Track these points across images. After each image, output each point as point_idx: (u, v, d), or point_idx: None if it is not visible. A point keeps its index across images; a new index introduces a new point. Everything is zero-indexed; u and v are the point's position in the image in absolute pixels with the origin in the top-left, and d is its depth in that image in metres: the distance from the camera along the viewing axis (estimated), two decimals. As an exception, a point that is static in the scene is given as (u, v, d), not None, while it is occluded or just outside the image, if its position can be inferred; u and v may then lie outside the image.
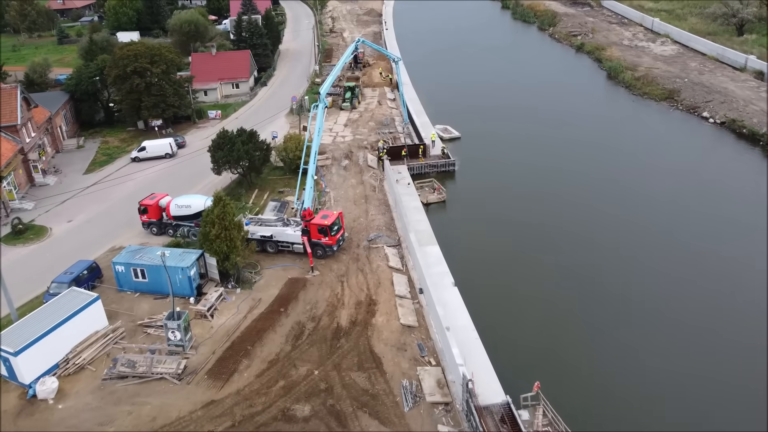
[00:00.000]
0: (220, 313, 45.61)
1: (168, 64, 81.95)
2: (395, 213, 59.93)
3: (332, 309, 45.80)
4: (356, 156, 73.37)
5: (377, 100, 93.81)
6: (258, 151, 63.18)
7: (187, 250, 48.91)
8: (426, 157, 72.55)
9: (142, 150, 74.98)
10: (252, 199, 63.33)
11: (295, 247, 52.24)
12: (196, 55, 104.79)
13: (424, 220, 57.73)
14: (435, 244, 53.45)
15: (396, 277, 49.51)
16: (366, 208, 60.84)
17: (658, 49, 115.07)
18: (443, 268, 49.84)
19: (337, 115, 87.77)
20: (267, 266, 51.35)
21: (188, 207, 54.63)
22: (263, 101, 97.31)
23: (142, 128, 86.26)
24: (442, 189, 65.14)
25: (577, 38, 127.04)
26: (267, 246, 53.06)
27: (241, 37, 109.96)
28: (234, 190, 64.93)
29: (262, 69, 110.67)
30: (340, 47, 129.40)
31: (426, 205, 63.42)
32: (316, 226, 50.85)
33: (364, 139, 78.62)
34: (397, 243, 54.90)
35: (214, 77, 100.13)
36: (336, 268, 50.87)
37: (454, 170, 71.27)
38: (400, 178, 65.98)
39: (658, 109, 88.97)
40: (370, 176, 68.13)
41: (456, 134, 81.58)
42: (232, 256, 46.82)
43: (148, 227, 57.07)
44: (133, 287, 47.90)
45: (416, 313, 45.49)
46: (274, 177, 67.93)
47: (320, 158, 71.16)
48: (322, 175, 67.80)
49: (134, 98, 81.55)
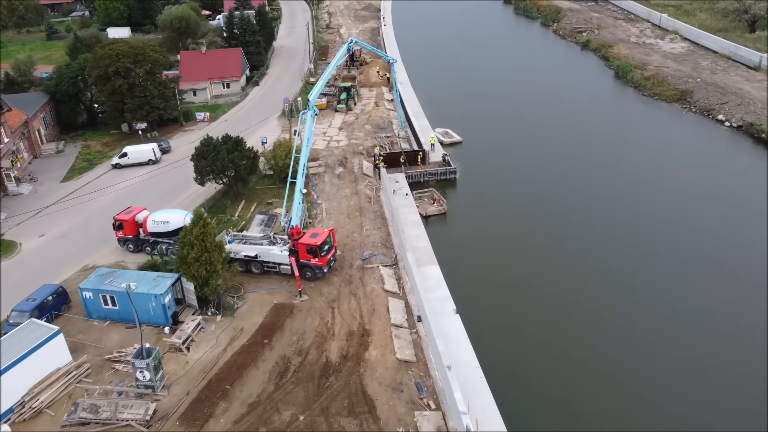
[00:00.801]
0: (197, 346, 41.29)
1: (152, 64, 77.40)
2: (392, 227, 55.59)
3: (321, 340, 41.50)
4: (351, 163, 68.95)
5: (374, 101, 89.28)
6: (244, 159, 58.77)
7: (162, 274, 44.51)
8: (425, 164, 68.17)
9: (124, 156, 70.53)
10: (238, 211, 58.95)
11: (282, 268, 47.91)
12: (185, 53, 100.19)
13: (422, 236, 53.36)
14: (435, 264, 49.12)
15: (392, 303, 45.20)
16: (360, 222, 56.47)
17: (667, 47, 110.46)
18: (444, 292, 45.52)
19: (332, 118, 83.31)
20: (251, 290, 47.01)
21: (166, 223, 50.24)
22: (255, 102, 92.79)
23: (127, 131, 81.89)
24: (443, 200, 60.76)
25: (582, 35, 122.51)
26: (252, 266, 48.74)
27: (232, 34, 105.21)
28: (219, 201, 60.56)
29: (254, 67, 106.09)
30: (336, 44, 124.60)
31: (425, 217, 59.12)
32: (304, 246, 46.48)
33: (360, 143, 74.17)
34: (394, 262, 50.58)
35: (204, 76, 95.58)
36: (326, 292, 46.56)
37: (455, 178, 66.89)
38: (398, 188, 61.61)
39: (669, 111, 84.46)
40: (365, 185, 63.72)
41: (457, 138, 77.14)
42: (212, 281, 42.48)
43: (124, 244, 52.76)
44: (103, 315, 43.59)
45: (414, 345, 41.19)
46: (262, 186, 63.51)
47: (312, 165, 66.96)
48: (313, 184, 63.43)
49: (117, 100, 77.08)
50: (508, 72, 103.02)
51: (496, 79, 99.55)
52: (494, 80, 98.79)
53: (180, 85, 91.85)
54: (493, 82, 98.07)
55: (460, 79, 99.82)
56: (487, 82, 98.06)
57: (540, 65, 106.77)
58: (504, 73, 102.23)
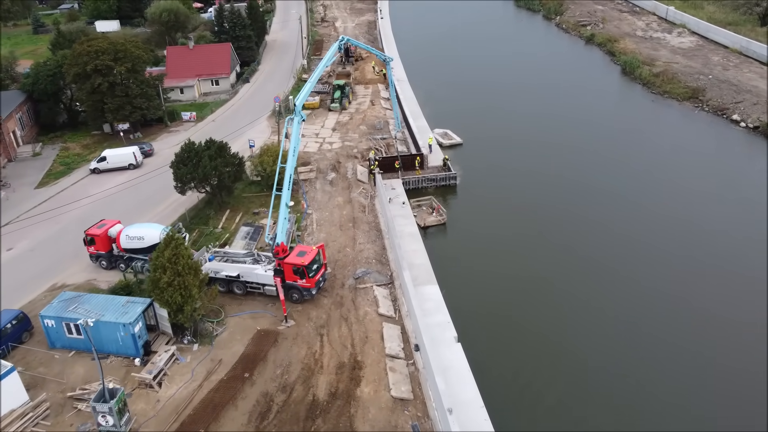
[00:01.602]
0: (170, 380, 37.21)
1: (134, 61, 72.93)
2: (387, 240, 51.46)
3: (308, 374, 37.43)
4: (344, 167, 64.69)
5: (370, 100, 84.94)
6: (228, 166, 54.51)
7: (133, 299, 40.34)
8: (423, 168, 63.99)
9: (102, 161, 66.23)
10: (222, 222, 54.75)
11: (266, 289, 43.81)
12: (172, 48, 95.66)
13: (420, 251, 49.21)
14: (434, 283, 44.99)
15: (387, 329, 41.13)
16: (353, 235, 52.32)
17: (675, 41, 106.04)
18: (444, 316, 41.41)
19: (325, 118, 78.99)
20: (232, 314, 42.90)
21: (141, 239, 46.03)
22: (244, 100, 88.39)
23: (109, 132, 77.56)
24: (442, 209, 56.60)
25: (586, 28, 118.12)
26: (234, 286, 44.63)
27: (222, 29, 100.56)
28: (202, 211, 56.34)
29: (245, 63, 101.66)
30: (331, 38, 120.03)
31: (423, 228, 55.03)
32: (290, 266, 42.30)
33: (354, 146, 69.90)
34: (389, 281, 46.47)
35: (191, 73, 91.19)
36: (315, 316, 42.44)
37: (455, 184, 62.72)
38: (394, 197, 57.43)
39: (681, 110, 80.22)
40: (359, 193, 59.51)
41: (457, 140, 72.87)
42: (188, 307, 38.35)
43: (97, 260, 48.58)
44: (67, 344, 39.48)
45: (411, 380, 37.16)
46: (249, 194, 59.28)
47: (303, 170, 62.84)
48: (304, 192, 59.24)
49: (97, 100, 72.72)
50: (510, 68, 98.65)
51: (498, 75, 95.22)
52: (496, 77, 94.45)
53: (166, 83, 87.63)
54: (494, 79, 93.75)
55: (460, 75, 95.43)
56: (488, 79, 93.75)
57: (543, 61, 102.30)
58: (506, 70, 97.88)
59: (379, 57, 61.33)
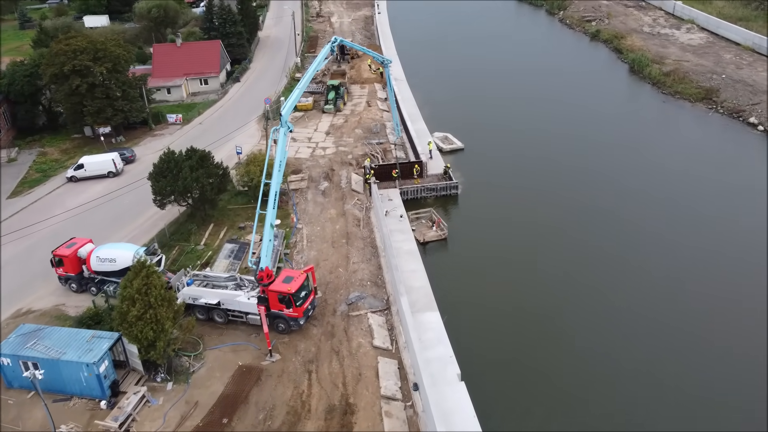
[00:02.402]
0: (139, 426, 33.22)
1: (115, 61, 68.61)
2: (383, 259, 47.40)
3: (294, 419, 33.46)
4: (338, 176, 60.58)
5: (366, 101, 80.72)
6: (211, 177, 50.36)
7: (99, 333, 36.25)
8: (423, 177, 59.89)
9: (80, 168, 62.00)
10: (205, 238, 50.66)
11: (250, 318, 39.80)
12: (159, 46, 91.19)
13: (420, 272, 45.14)
14: (434, 310, 40.94)
15: (382, 364, 37.15)
16: (347, 252, 48.24)
17: (684, 38, 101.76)
18: (445, 349, 37.41)
19: (318, 120, 74.78)
20: (211, 346, 38.86)
21: (113, 261, 41.97)
22: (234, 101, 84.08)
23: (90, 135, 73.29)
24: (443, 223, 52.50)
25: (591, 24, 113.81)
26: (214, 314, 40.60)
27: (211, 25, 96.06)
28: (183, 225, 52.20)
29: (236, 61, 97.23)
30: (327, 34, 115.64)
31: (423, 244, 51.01)
32: (276, 294, 38.24)
33: (349, 151, 65.74)
34: (386, 306, 42.46)
35: (179, 72, 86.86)
36: (303, 349, 38.42)
37: (456, 194, 58.63)
38: (391, 209, 53.39)
39: (693, 111, 76.08)
40: (353, 204, 55.43)
41: (458, 145, 68.68)
42: (160, 343, 34.33)
43: (66, 283, 44.50)
44: (25, 384, 35.29)
45: (408, 425, 33.23)
46: (235, 206, 55.16)
47: (294, 179, 58.83)
48: (294, 203, 55.15)
49: (76, 102, 68.44)
50: (513, 66, 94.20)
51: (500, 74, 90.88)
52: (498, 76, 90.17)
53: (152, 82, 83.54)
54: (496, 77, 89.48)
55: (460, 74, 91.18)
56: (490, 77, 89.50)
57: (548, 58, 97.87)
58: (509, 68, 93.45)
59: (377, 59, 56.93)
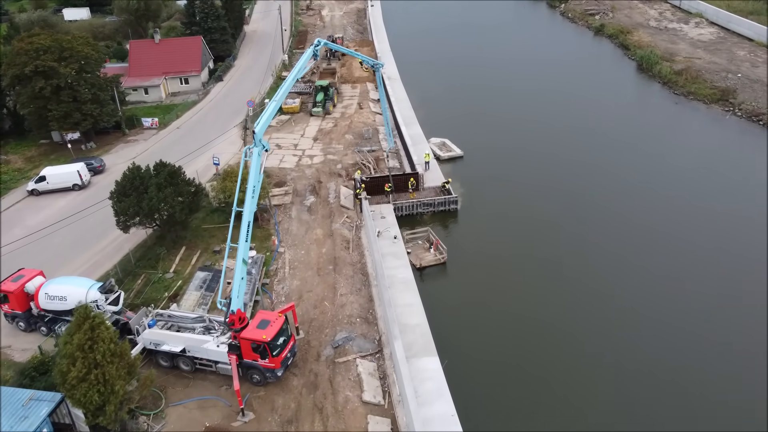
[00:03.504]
0: None
1: (83, 61, 62.84)
2: (375, 289, 42.09)
3: (268, 499, 28.25)
4: (326, 189, 55.17)
5: (357, 102, 75.21)
6: (182, 196, 44.84)
7: (38, 394, 30.82)
8: (419, 190, 54.56)
9: (42, 180, 56.35)
10: (175, 264, 45.20)
11: (220, 367, 34.47)
12: (136, 43, 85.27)
13: (416, 305, 39.79)
14: (433, 354, 35.65)
15: (373, 424, 31.91)
16: (334, 282, 42.88)
17: (693, 33, 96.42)
18: (446, 405, 32.12)
19: (306, 124, 69.23)
20: (175, 402, 33.50)
21: (63, 299, 36.52)
22: (216, 102, 78.38)
23: (59, 141, 67.54)
24: (441, 245, 47.13)
25: (594, 18, 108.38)
26: (180, 361, 35.25)
27: (192, 20, 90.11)
28: (151, 249, 46.67)
29: (220, 58, 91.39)
30: (317, 29, 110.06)
31: (419, 269, 45.72)
32: (249, 342, 32.89)
33: (339, 160, 60.32)
34: (377, 349, 37.17)
35: (157, 71, 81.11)
36: (281, 405, 33.11)
37: (456, 209, 53.30)
38: (384, 229, 48.01)
39: (709, 114, 70.77)
40: (342, 223, 50.04)
41: (457, 152, 63.22)
42: (110, 406, 28.94)
43: (13, 321, 39.04)
44: (-50, 457, 30.07)
45: (404, 505, 28.03)
46: (210, 225, 49.67)
47: (277, 193, 53.50)
48: (276, 222, 49.72)
49: (40, 106, 62.71)
50: (513, 63, 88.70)
51: (500, 72, 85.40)
52: (498, 74, 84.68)
53: (128, 82, 77.85)
54: (496, 75, 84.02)
55: (458, 72, 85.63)
56: (490, 75, 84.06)
57: (550, 54, 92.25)
58: (509, 65, 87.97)
59: (367, 63, 51.12)
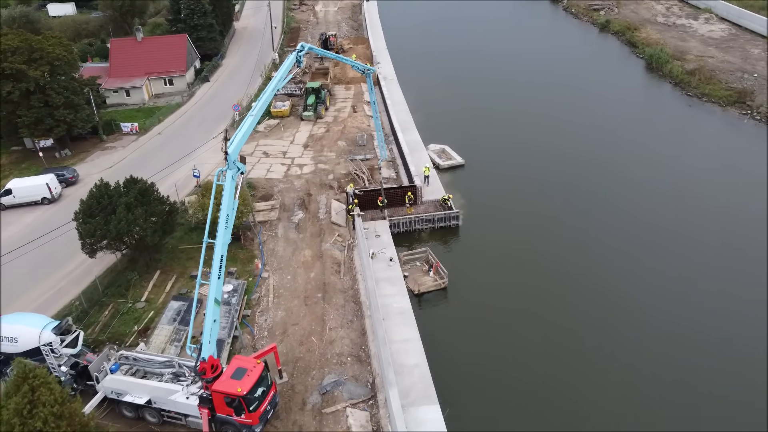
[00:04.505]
0: None
1: (54, 63, 58.27)
2: (369, 321, 37.84)
3: None
4: (316, 203, 50.84)
5: (351, 105, 70.79)
6: (154, 216, 40.47)
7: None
8: (417, 204, 50.28)
9: (8, 194, 51.84)
10: (148, 290, 40.83)
11: (190, 421, 30.21)
12: (117, 41, 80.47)
13: (414, 341, 35.59)
14: (433, 401, 31.51)
15: (365, 491, 27.74)
16: (323, 313, 38.59)
17: (704, 29, 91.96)
18: (449, 466, 28.09)
19: (296, 130, 64.82)
20: (138, 463, 29.33)
21: (14, 341, 32.27)
22: (201, 105, 73.81)
23: (32, 148, 63.01)
24: (442, 269, 42.82)
25: (599, 13, 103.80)
26: (146, 412, 30.97)
27: (178, 17, 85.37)
28: (122, 274, 42.23)
29: (207, 57, 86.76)
30: (310, 26, 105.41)
31: (418, 296, 41.49)
32: (222, 396, 28.58)
33: (330, 170, 56.00)
34: (370, 395, 32.92)
35: (140, 71, 76.47)
36: (260, 467, 28.94)
37: (457, 225, 49.06)
38: (378, 250, 43.73)
39: (725, 118, 66.49)
40: (333, 243, 45.71)
41: (458, 160, 58.83)
42: (55, 478, 24.70)
43: (-41, 362, 34.74)
44: None
45: None
46: (187, 245, 45.26)
47: (263, 207, 49.27)
48: (261, 241, 45.39)
49: (9, 111, 58.22)
50: (515, 61, 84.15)
51: (503, 71, 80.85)
52: (500, 73, 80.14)
53: (108, 83, 73.42)
54: (498, 75, 79.51)
55: (458, 71, 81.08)
56: (491, 75, 79.49)
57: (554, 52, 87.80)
58: (511, 63, 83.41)
59: (356, 67, 45.76)
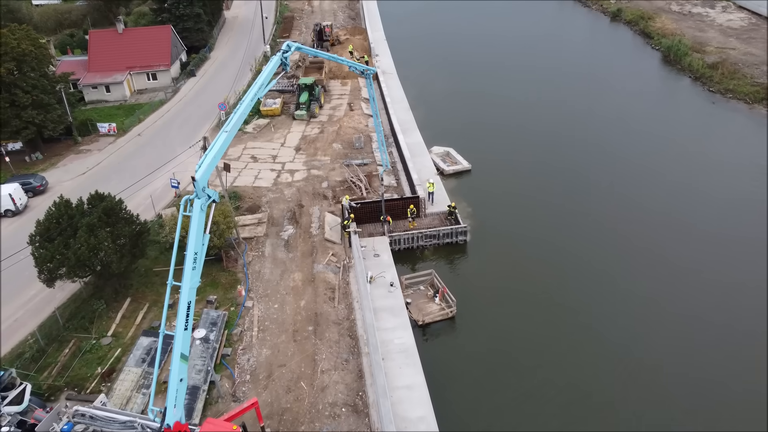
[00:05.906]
0: None
1: (21, 59, 53.03)
2: (366, 360, 33.01)
3: None
4: (308, 215, 45.85)
5: (348, 102, 65.58)
6: (121, 238, 35.48)
7: None
8: (421, 216, 45.36)
9: (-34, 209, 46.98)
10: (116, 323, 35.95)
11: (155, 494, 25.44)
12: (96, 33, 74.85)
13: (419, 388, 30.80)
14: (442, 467, 26.83)
15: None
16: (314, 350, 33.73)
17: (722, 18, 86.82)
18: None
19: (287, 130, 59.68)
20: None
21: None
22: (186, 102, 68.49)
23: (0, 151, 58.05)
24: (449, 295, 37.94)
25: (610, 2, 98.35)
26: (104, 481, 26.21)
27: (162, 6, 79.82)
28: (87, 303, 37.26)
29: (194, 49, 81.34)
30: (304, 15, 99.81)
31: (422, 326, 36.68)
32: (190, 472, 23.83)
33: (324, 176, 51.01)
34: (368, 456, 28.22)
35: (121, 65, 70.97)
36: None
37: (464, 241, 44.15)
38: (377, 274, 38.87)
39: (751, 116, 61.44)
40: (326, 263, 40.77)
41: (464, 165, 53.80)
42: None
43: None
44: None
45: None
46: (162, 267, 40.24)
47: (249, 221, 44.23)
48: (245, 262, 40.44)
49: (-28, 111, 53.20)
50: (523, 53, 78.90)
51: (510, 65, 75.59)
52: (507, 67, 74.88)
53: (87, 78, 68.23)
54: (505, 69, 74.24)
55: (462, 63, 75.90)
56: (498, 69, 74.26)
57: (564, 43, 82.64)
58: (519, 56, 78.17)
59: (355, 69, 40.51)
